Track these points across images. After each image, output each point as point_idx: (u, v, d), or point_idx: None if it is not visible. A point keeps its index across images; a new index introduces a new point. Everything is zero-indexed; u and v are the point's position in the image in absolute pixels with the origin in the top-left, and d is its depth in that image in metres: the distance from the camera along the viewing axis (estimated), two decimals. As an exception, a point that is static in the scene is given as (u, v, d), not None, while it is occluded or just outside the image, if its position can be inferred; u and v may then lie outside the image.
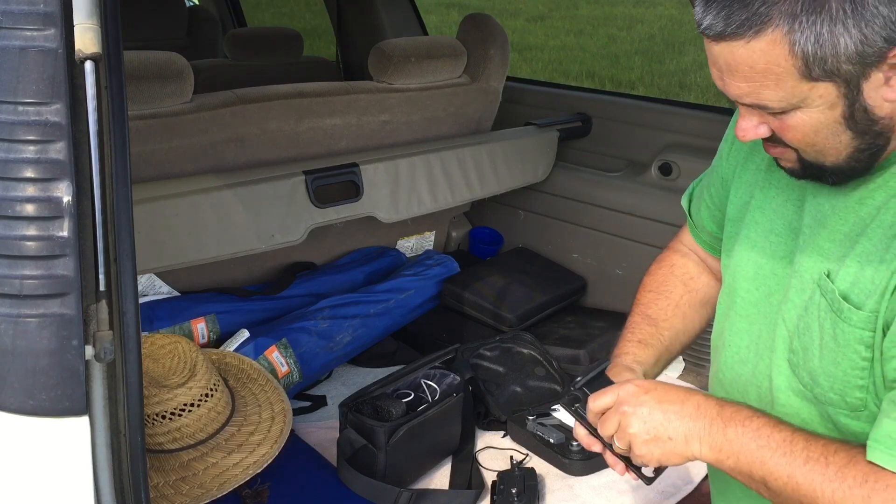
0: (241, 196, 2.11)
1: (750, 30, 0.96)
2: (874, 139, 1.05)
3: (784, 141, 1.08)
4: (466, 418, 2.06)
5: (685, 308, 1.48)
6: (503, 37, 2.72)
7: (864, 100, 1.00)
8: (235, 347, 2.15)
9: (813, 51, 0.95)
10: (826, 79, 0.98)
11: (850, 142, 1.05)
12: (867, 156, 1.07)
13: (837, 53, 0.95)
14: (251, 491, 1.77)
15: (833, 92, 1.00)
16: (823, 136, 1.05)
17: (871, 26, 0.94)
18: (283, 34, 3.63)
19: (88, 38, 0.93)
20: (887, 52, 0.95)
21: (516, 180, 2.77)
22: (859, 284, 1.09)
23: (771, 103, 1.02)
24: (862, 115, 1.02)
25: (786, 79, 0.99)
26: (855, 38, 0.94)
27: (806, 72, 0.97)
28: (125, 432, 1.07)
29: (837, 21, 0.93)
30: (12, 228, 0.97)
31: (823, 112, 1.02)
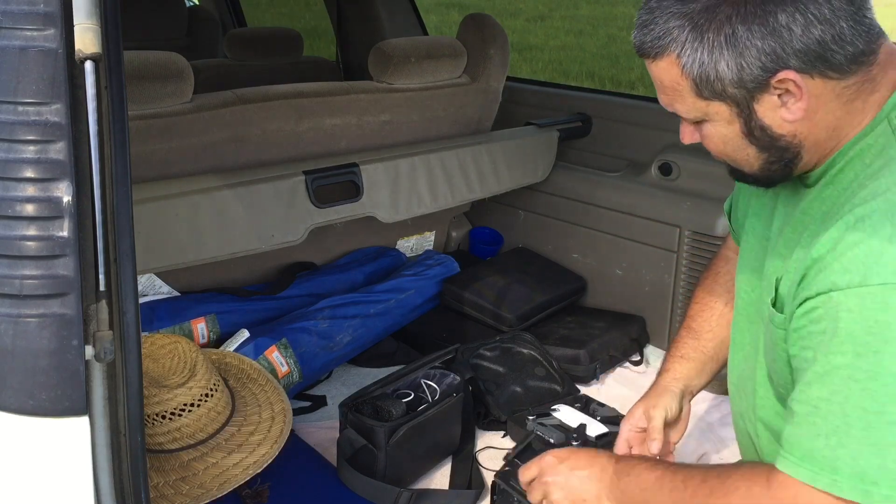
0: (241, 196, 2.11)
1: (653, 51, 1.12)
2: (781, 154, 1.15)
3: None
4: (466, 418, 2.06)
5: (729, 317, 1.55)
6: (503, 37, 2.72)
7: (760, 119, 1.11)
8: (235, 347, 2.15)
9: (699, 74, 1.09)
10: (716, 99, 1.11)
11: (758, 155, 1.16)
12: (780, 167, 1.17)
13: (720, 78, 1.08)
14: (251, 491, 1.77)
15: (726, 110, 1.12)
16: (732, 147, 1.18)
17: (745, 57, 1.05)
18: (283, 34, 3.63)
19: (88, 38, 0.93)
20: (768, 78, 1.06)
21: (516, 180, 2.77)
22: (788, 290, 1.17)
23: (683, 114, 1.17)
24: (761, 133, 1.13)
25: (686, 96, 1.13)
26: (732, 67, 1.07)
27: (698, 92, 1.11)
28: (125, 432, 1.07)
29: (715, 50, 1.06)
30: (12, 228, 0.97)
31: (725, 127, 1.15)
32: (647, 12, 1.11)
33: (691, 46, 1.07)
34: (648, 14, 1.11)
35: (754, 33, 1.04)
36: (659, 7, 1.10)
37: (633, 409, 1.58)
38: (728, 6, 1.04)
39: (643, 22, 1.12)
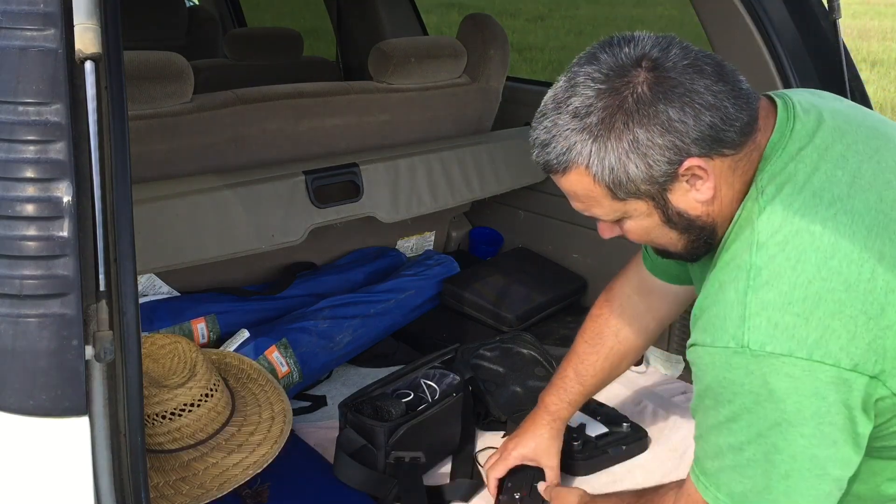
0: (241, 196, 2.11)
1: (561, 166, 1.18)
2: (699, 232, 1.22)
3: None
4: (466, 418, 2.06)
5: (613, 358, 1.78)
6: (503, 37, 2.72)
7: (675, 206, 1.18)
8: (235, 347, 2.14)
9: (610, 179, 1.15)
10: (632, 197, 1.17)
11: (680, 237, 1.24)
12: (702, 243, 1.25)
13: (631, 179, 1.14)
14: (251, 491, 1.77)
15: (643, 205, 1.19)
16: (655, 235, 1.25)
17: (651, 156, 1.12)
18: (283, 34, 3.63)
19: (88, 38, 0.93)
20: (676, 169, 1.13)
21: (516, 180, 2.77)
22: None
23: (602, 216, 1.24)
24: (679, 218, 1.20)
25: (602, 200, 1.19)
26: (640, 167, 1.12)
27: (613, 195, 1.17)
28: (125, 432, 1.07)
29: (620, 155, 1.12)
30: (12, 228, 0.97)
31: (645, 219, 1.21)
32: (545, 132, 1.17)
33: (597, 156, 1.13)
34: (546, 133, 1.17)
35: (653, 133, 1.10)
36: (555, 126, 1.16)
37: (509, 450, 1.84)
38: (622, 115, 1.10)
39: (543, 142, 1.18)
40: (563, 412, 1.82)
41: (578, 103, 1.14)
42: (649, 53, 1.12)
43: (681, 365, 2.44)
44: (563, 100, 1.16)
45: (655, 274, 1.68)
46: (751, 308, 1.10)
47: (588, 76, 1.14)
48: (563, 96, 1.16)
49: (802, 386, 1.08)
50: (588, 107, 1.13)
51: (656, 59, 1.11)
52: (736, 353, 1.10)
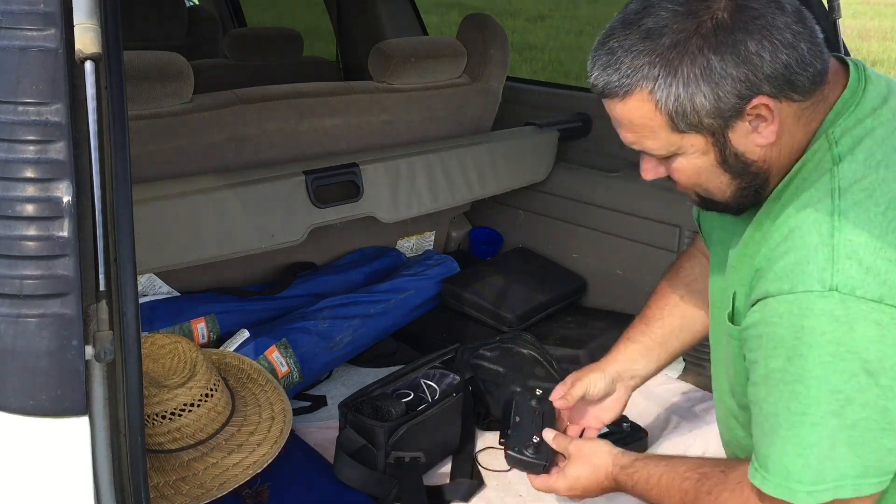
0: (241, 196, 2.11)
1: (622, 90, 1.11)
2: (752, 179, 1.18)
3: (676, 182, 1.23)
4: (466, 418, 2.06)
5: (684, 309, 1.63)
6: (503, 37, 2.72)
7: (734, 147, 1.13)
8: (235, 347, 2.14)
9: (674, 108, 1.09)
10: (692, 131, 1.11)
11: (731, 182, 1.18)
12: (751, 192, 1.20)
13: (696, 110, 1.08)
14: (251, 491, 1.77)
15: (702, 141, 1.13)
16: (705, 178, 1.19)
17: (722, 87, 1.07)
18: (283, 34, 3.63)
19: (88, 38, 0.93)
20: (744, 106, 1.08)
21: (516, 180, 2.77)
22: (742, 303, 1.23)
23: (654, 151, 1.17)
24: (735, 160, 1.15)
25: (659, 131, 1.13)
26: (709, 98, 1.07)
27: (673, 126, 1.11)
28: (125, 432, 1.07)
29: (690, 83, 1.07)
30: (12, 228, 0.97)
31: (699, 158, 1.15)
32: (608, 53, 1.11)
33: (664, 82, 1.08)
34: (609, 55, 1.11)
35: (728, 63, 1.05)
36: (621, 47, 1.10)
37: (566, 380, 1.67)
38: (698, 39, 1.05)
39: (605, 63, 1.12)
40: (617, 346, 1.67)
41: (651, 24, 1.08)
42: None
43: (681, 365, 2.44)
44: (635, 20, 1.09)
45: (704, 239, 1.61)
46: (839, 250, 1.05)
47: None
48: (634, 17, 1.10)
49: (888, 335, 1.03)
50: (662, 28, 1.07)
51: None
52: (821, 297, 1.05)
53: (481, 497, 1.89)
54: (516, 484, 1.94)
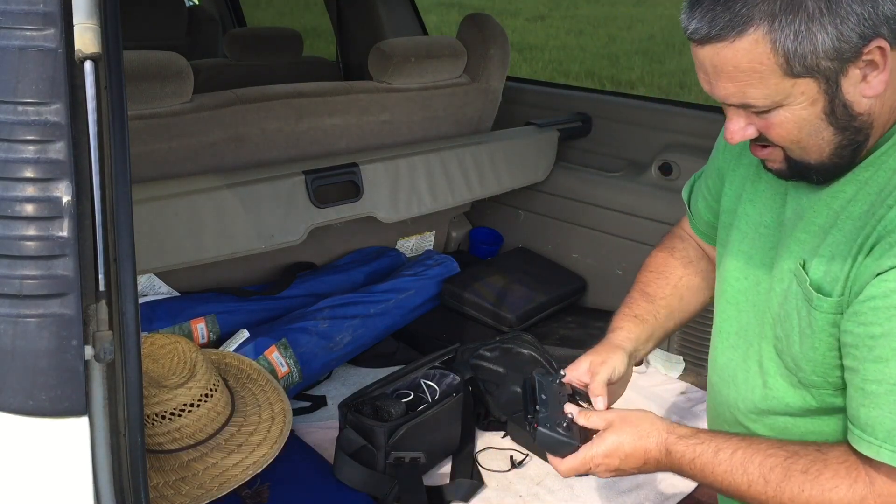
0: (240, 196, 2.11)
1: (733, 30, 1.02)
2: (854, 135, 1.10)
3: (770, 140, 1.14)
4: (466, 418, 2.06)
5: (683, 289, 1.56)
6: (503, 37, 2.72)
7: (844, 96, 1.06)
8: (235, 347, 2.14)
9: (793, 48, 1.01)
10: (807, 75, 1.04)
11: (832, 138, 1.10)
12: (849, 152, 1.12)
13: (816, 50, 1.01)
14: (251, 491, 1.77)
15: (814, 88, 1.05)
16: (807, 132, 1.10)
17: (846, 23, 0.99)
18: (283, 34, 3.63)
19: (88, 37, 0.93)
20: (863, 47, 1.02)
21: (516, 180, 2.77)
22: (830, 274, 1.15)
23: (756, 101, 1.08)
24: (842, 111, 1.07)
25: (769, 76, 1.04)
26: (832, 35, 1.00)
27: (787, 69, 1.03)
28: (125, 432, 1.07)
29: (814, 19, 0.99)
30: (12, 228, 0.97)
31: (805, 108, 1.07)
32: None
33: (786, 18, 0.99)
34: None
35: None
36: None
37: (579, 362, 1.50)
38: None
39: (713, 2, 1.03)
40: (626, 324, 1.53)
41: None
42: None
43: (681, 365, 2.44)
44: None
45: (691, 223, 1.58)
46: None
47: None
48: None
49: None
50: None
51: None
52: None
53: (481, 497, 1.89)
54: (516, 484, 1.94)
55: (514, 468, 2.00)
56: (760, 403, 1.33)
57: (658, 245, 1.64)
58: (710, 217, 1.52)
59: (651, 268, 1.60)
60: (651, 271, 1.59)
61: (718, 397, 1.45)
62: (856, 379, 1.12)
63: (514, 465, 2.00)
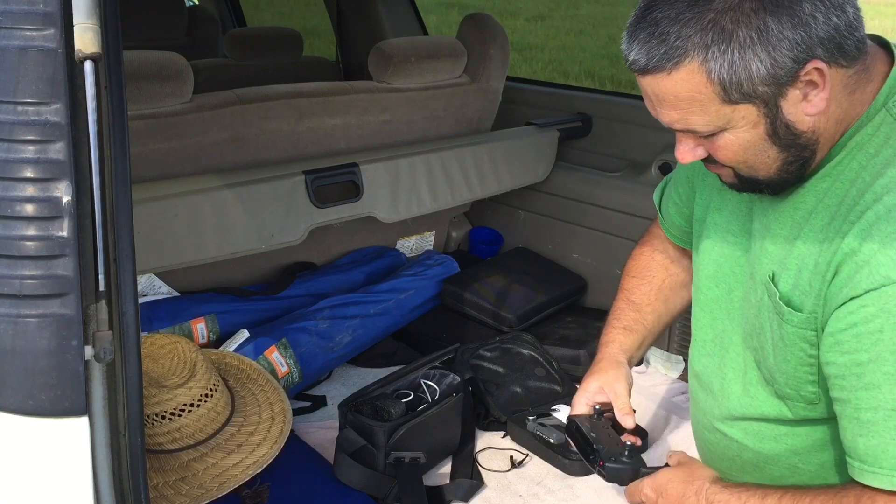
0: (240, 196, 2.11)
1: (669, 62, 1.04)
2: (800, 151, 1.12)
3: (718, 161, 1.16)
4: (466, 418, 2.06)
5: (667, 291, 1.59)
6: (503, 37, 2.72)
7: (785, 116, 1.07)
8: (235, 347, 2.14)
9: (728, 77, 1.03)
10: (745, 101, 1.06)
11: (778, 156, 1.12)
12: (796, 167, 1.14)
13: (751, 77, 1.03)
14: (251, 491, 1.77)
15: (754, 112, 1.07)
16: (752, 153, 1.12)
17: (779, 50, 1.01)
18: (283, 34, 3.63)
19: (88, 37, 0.93)
20: (798, 71, 1.03)
21: (516, 180, 2.77)
22: (799, 287, 1.16)
23: (699, 127, 1.10)
24: (785, 131, 1.09)
25: (708, 104, 1.06)
26: (765, 63, 1.02)
27: (725, 96, 1.05)
28: (125, 433, 1.07)
29: (746, 48, 1.01)
30: (12, 228, 0.97)
31: (748, 131, 1.09)
32: (650, 25, 1.05)
33: (718, 49, 1.01)
34: (653, 27, 1.05)
35: (784, 25, 1.00)
36: (666, 17, 1.04)
37: (587, 384, 1.50)
38: (752, 2, 1.00)
39: (647, 36, 1.05)
40: (617, 337, 1.56)
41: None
42: None
43: (681, 365, 2.44)
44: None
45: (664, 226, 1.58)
46: None
47: None
48: None
49: None
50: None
51: None
52: None
53: (481, 497, 1.89)
54: (516, 484, 1.94)
55: (514, 468, 2.00)
56: (736, 410, 1.34)
57: (638, 244, 1.67)
58: (681, 222, 1.54)
59: (634, 273, 1.63)
60: (634, 277, 1.62)
61: (697, 404, 1.47)
62: (847, 410, 1.10)
63: (514, 465, 2.00)
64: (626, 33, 1.09)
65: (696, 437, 1.52)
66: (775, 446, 1.32)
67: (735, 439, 1.37)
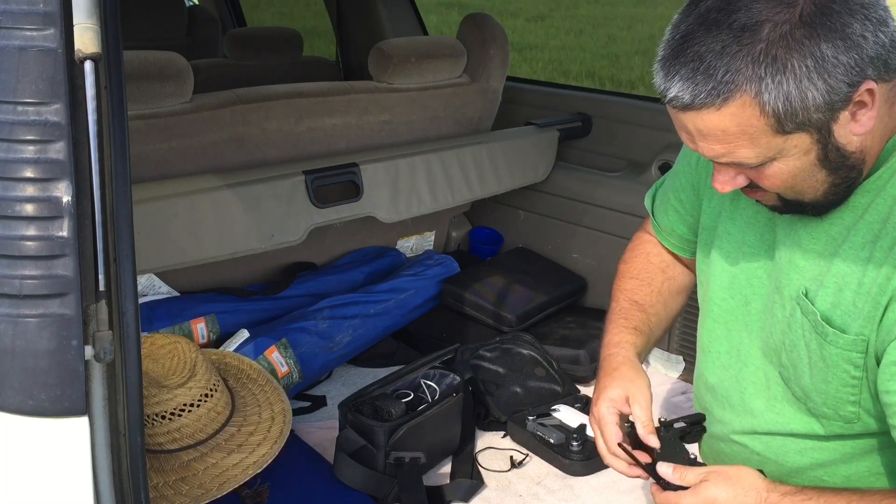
0: (240, 196, 2.11)
1: (718, 98, 0.99)
2: (848, 173, 1.09)
3: (763, 188, 1.12)
4: (466, 418, 2.06)
5: (666, 295, 1.54)
6: (503, 37, 2.72)
7: (836, 140, 1.04)
8: (235, 347, 2.14)
9: (784, 108, 0.99)
10: (799, 130, 1.02)
11: (826, 178, 1.09)
12: (843, 188, 1.11)
13: (807, 107, 0.99)
14: (251, 491, 1.77)
15: (807, 140, 1.03)
16: (801, 178, 1.09)
17: (835, 76, 0.98)
18: (283, 34, 3.63)
19: (88, 37, 0.93)
20: (852, 94, 1.00)
21: (516, 180, 2.77)
22: (840, 307, 1.13)
23: (748, 160, 1.06)
24: (835, 154, 1.06)
25: (760, 137, 1.02)
26: (821, 90, 0.98)
27: (779, 128, 1.01)
28: (125, 432, 1.07)
29: (802, 77, 0.97)
30: (12, 228, 0.97)
31: (799, 159, 1.06)
32: (694, 59, 1.00)
33: (773, 80, 0.97)
34: (696, 61, 0.99)
35: (839, 49, 0.97)
36: (711, 51, 0.98)
37: (609, 391, 1.35)
38: (804, 28, 0.96)
39: (691, 71, 1.00)
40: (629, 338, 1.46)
41: (745, 19, 0.96)
42: None
43: (681, 365, 2.44)
44: (720, 19, 0.98)
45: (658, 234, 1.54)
46: None
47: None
48: (718, 15, 0.98)
49: None
50: (759, 22, 0.96)
51: None
52: None
53: (481, 497, 1.89)
54: (516, 484, 1.94)
55: (514, 468, 2.00)
56: (760, 426, 1.31)
57: (628, 250, 1.61)
58: (683, 230, 1.50)
59: (632, 274, 1.57)
60: (633, 278, 1.56)
61: (711, 416, 1.42)
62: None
63: (514, 465, 2.00)
64: (659, 67, 1.05)
65: (706, 447, 1.47)
66: (800, 459, 1.28)
67: (756, 451, 1.33)
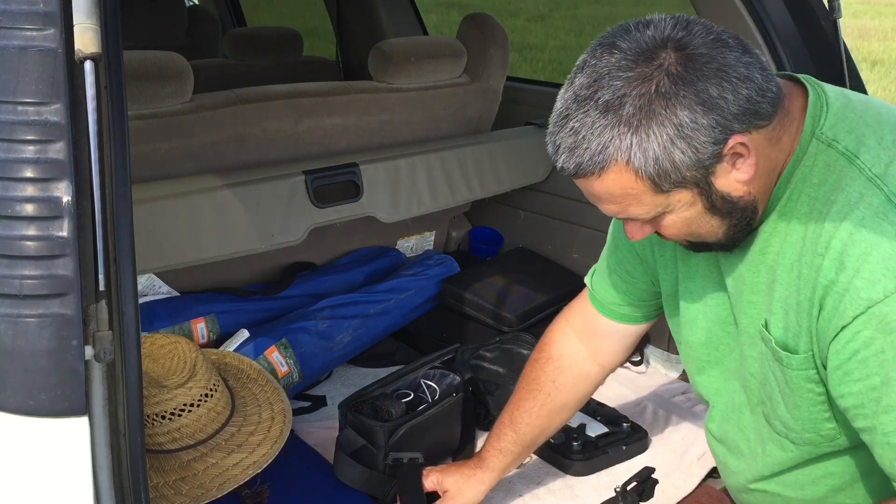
0: (241, 196, 2.11)
1: (596, 167, 1.09)
2: (742, 214, 1.16)
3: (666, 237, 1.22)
4: (467, 418, 2.05)
5: (550, 406, 1.66)
6: (503, 36, 2.72)
7: (719, 190, 1.11)
8: (235, 347, 2.14)
9: (655, 171, 1.07)
10: (677, 187, 1.09)
11: (722, 223, 1.16)
12: (742, 226, 1.18)
13: (677, 168, 1.06)
14: (251, 491, 1.77)
15: (688, 195, 1.11)
16: (696, 225, 1.17)
17: (696, 139, 1.05)
18: (283, 34, 3.63)
19: (88, 37, 0.93)
20: (721, 150, 1.06)
21: (516, 180, 2.77)
22: (790, 329, 1.17)
23: (640, 215, 1.15)
24: (722, 202, 1.13)
25: (643, 196, 1.11)
26: (687, 153, 1.05)
27: (657, 188, 1.09)
28: (125, 433, 1.07)
29: (665, 143, 1.05)
30: (12, 228, 0.97)
31: (687, 210, 1.14)
32: (571, 134, 1.08)
33: (639, 148, 1.05)
34: (573, 136, 1.08)
35: (696, 113, 1.03)
36: (583, 125, 1.07)
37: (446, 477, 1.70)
38: (660, 99, 1.03)
39: (570, 145, 1.09)
40: (491, 460, 1.70)
41: (608, 96, 1.05)
42: (673, 34, 1.06)
43: (681, 365, 2.44)
44: (588, 96, 1.07)
45: (603, 312, 1.61)
46: None
47: (612, 66, 1.06)
48: (587, 93, 1.07)
49: None
50: (620, 97, 1.04)
51: (681, 39, 1.05)
52: None
53: (481, 497, 1.89)
54: (516, 484, 1.94)
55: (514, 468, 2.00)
56: (765, 469, 1.36)
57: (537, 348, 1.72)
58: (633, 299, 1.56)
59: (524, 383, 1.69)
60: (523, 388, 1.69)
61: (726, 468, 1.48)
62: (876, 437, 1.11)
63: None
64: (548, 139, 1.14)
65: (735, 499, 1.53)
66: (817, 490, 1.32)
67: (777, 493, 1.38)
